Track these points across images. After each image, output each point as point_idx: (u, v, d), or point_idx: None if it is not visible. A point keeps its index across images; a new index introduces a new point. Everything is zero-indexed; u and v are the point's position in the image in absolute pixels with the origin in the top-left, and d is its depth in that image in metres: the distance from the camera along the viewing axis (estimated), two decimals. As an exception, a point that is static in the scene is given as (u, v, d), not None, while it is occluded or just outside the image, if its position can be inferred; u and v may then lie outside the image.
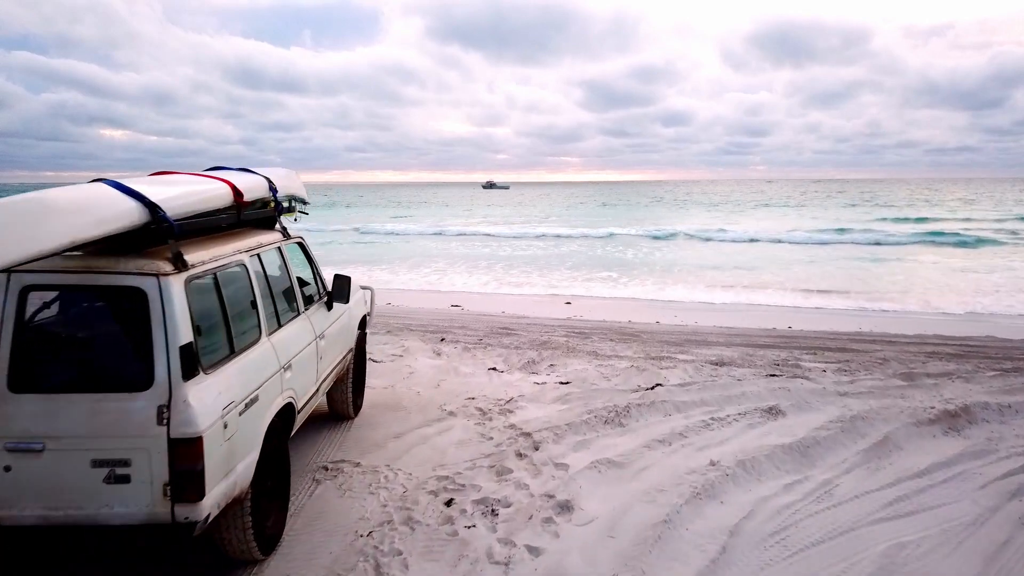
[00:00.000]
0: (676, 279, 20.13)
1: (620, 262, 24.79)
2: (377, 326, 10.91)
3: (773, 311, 15.16)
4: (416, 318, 12.41)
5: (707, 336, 11.04)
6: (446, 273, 22.38)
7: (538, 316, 13.75)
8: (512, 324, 11.95)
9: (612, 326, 12.13)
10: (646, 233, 37.02)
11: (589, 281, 19.62)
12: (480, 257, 26.84)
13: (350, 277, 5.49)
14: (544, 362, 7.90)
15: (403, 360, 7.94)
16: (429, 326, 11.30)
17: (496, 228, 41.84)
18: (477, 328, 11.22)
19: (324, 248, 30.39)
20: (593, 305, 15.82)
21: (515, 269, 22.84)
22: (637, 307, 15.57)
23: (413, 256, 27.75)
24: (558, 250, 29.85)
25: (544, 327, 11.66)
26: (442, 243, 34.77)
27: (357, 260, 26.26)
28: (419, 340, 9.37)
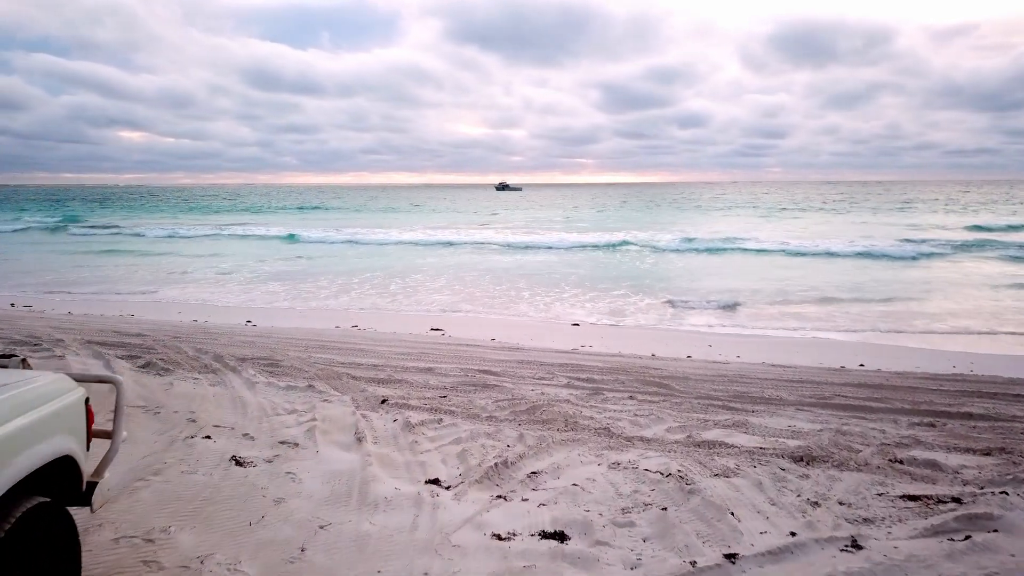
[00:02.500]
0: (702, 293, 17.05)
1: (637, 274, 21.40)
2: (309, 369, 8.00)
3: (832, 342, 12.14)
4: (372, 353, 9.48)
5: (760, 383, 8.06)
6: (429, 289, 19.39)
7: (536, 347, 10.80)
8: (498, 363, 9.01)
9: (631, 365, 9.16)
10: (666, 240, 33.26)
11: (601, 299, 16.43)
12: (475, 268, 23.68)
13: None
14: (525, 460, 4.86)
15: (290, 458, 4.78)
16: (382, 368, 8.36)
17: (500, 235, 38.44)
18: (448, 372, 8.28)
19: (316, 261, 27.49)
20: (606, 332, 12.82)
21: (516, 282, 19.76)
22: (660, 334, 12.58)
23: (394, 267, 24.72)
24: (566, 259, 26.39)
25: (540, 368, 8.70)
26: (436, 252, 31.73)
27: (339, 272, 23.41)
28: (347, 401, 6.42)
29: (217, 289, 18.37)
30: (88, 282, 20.24)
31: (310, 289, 18.23)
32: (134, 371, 7.58)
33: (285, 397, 6.57)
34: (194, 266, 24.06)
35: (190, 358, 8.58)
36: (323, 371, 8.02)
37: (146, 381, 6.94)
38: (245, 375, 7.54)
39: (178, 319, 13.43)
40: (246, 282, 19.50)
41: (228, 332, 11.31)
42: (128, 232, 41.07)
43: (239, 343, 10.06)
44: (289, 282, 19.72)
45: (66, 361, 7.93)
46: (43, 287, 19.08)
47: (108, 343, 9.52)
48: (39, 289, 18.65)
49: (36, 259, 27.36)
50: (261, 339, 10.53)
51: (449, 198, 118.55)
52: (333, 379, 7.61)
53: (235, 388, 6.87)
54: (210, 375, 7.62)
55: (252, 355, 8.99)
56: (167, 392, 6.51)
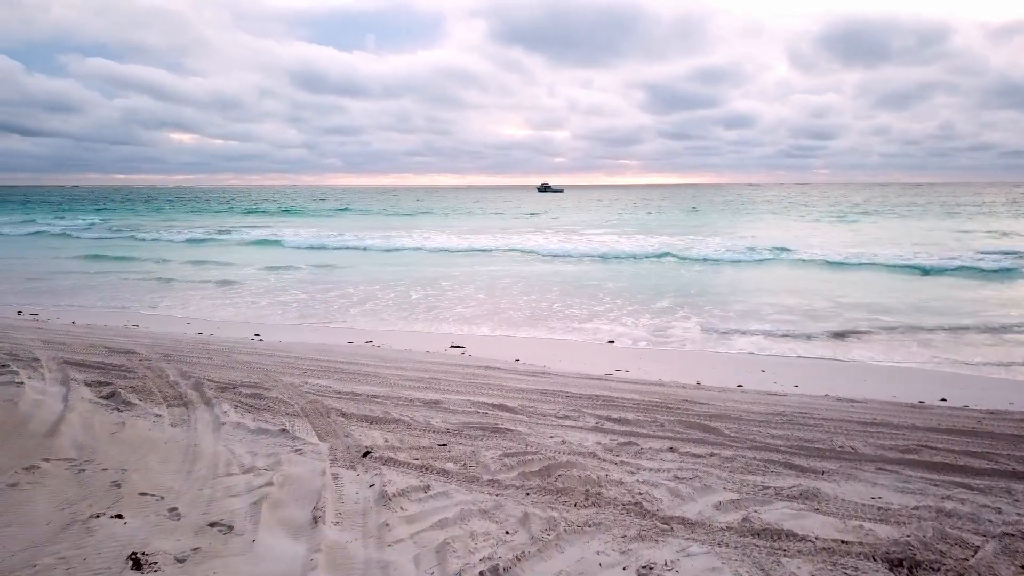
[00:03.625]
0: (753, 309, 15.59)
1: (681, 286, 19.25)
2: (296, 401, 6.90)
3: (901, 370, 10.69)
4: (376, 378, 8.36)
5: (827, 426, 6.73)
6: (456, 300, 18.23)
7: (564, 371, 9.57)
8: (517, 394, 7.81)
9: (673, 398, 7.88)
10: (713, 247, 30.47)
11: (641, 313, 14.87)
12: (507, 277, 22.38)
13: None
14: (525, 565, 3.57)
15: (213, 552, 3.43)
16: (381, 401, 7.23)
17: (535, 241, 36.89)
18: (457, 406, 7.10)
19: (344, 269, 26.55)
20: (645, 353, 11.51)
21: (549, 293, 18.47)
22: (706, 356, 11.24)
23: (422, 275, 23.60)
24: (604, 269, 24.12)
25: (566, 403, 7.48)
26: (468, 259, 30.54)
27: (365, 280, 22.45)
28: (322, 453, 5.28)
29: (235, 299, 17.49)
30: (103, 288, 19.58)
31: (333, 298, 17.22)
32: (92, 403, 6.56)
33: (250, 445, 5.46)
34: (217, 273, 23.29)
35: (167, 385, 7.56)
36: (311, 405, 6.91)
37: (97, 420, 5.91)
38: (218, 410, 6.47)
39: (184, 331, 12.52)
40: (265, 291, 18.59)
41: (229, 348, 10.31)
42: (152, 237, 40.47)
43: (233, 363, 9.03)
44: (313, 290, 18.77)
45: (23, 388, 6.95)
46: (63, 293, 18.45)
47: (87, 363, 8.57)
48: (60, 295, 18.00)
49: (67, 261, 27.00)
50: (259, 358, 9.49)
51: (490, 200, 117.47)
52: (318, 417, 6.49)
53: (197, 431, 5.79)
54: (178, 409, 6.57)
55: (240, 380, 7.95)
56: (112, 437, 5.46)
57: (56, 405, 6.37)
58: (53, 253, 30.62)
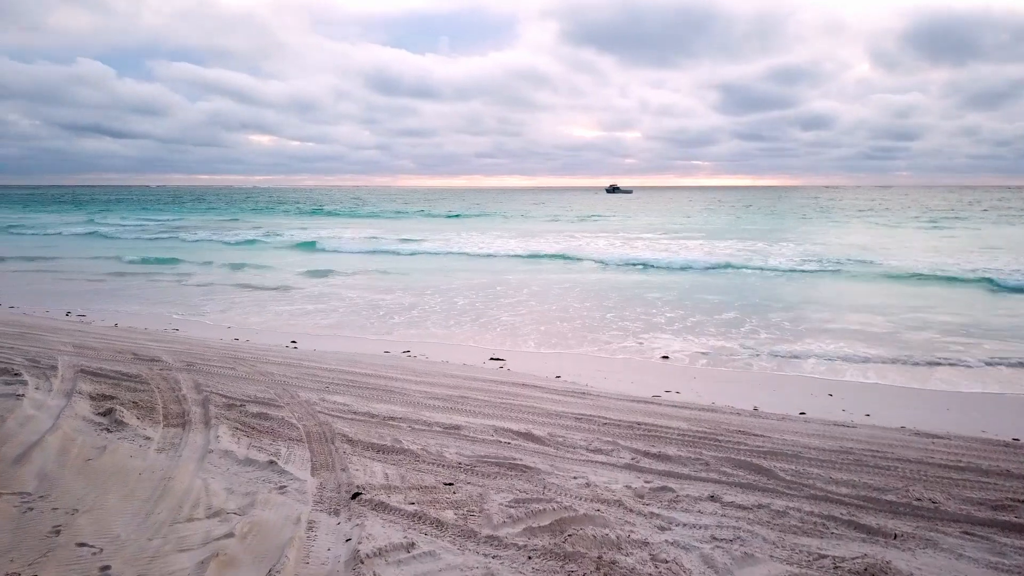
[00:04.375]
0: (826, 325, 14.38)
1: (750, 297, 17.44)
2: (303, 423, 6.32)
3: (988, 397, 9.50)
4: (400, 395, 7.72)
5: (901, 469, 5.78)
6: (506, 306, 17.50)
7: (607, 391, 8.77)
8: (549, 419, 7.06)
9: (724, 427, 7.01)
10: (787, 255, 27.80)
11: (703, 327, 13.63)
12: (562, 285, 21.43)
13: None
14: None
15: None
16: (397, 424, 6.57)
17: (596, 245, 35.73)
18: (477, 433, 6.40)
19: (396, 275, 26.14)
20: (701, 372, 10.58)
21: (604, 301, 17.54)
22: (768, 377, 10.25)
23: (474, 281, 22.97)
24: (669, 279, 21.89)
25: (601, 431, 6.70)
26: (524, 265, 29.77)
27: (415, 286, 21.95)
28: (306, 493, 4.64)
29: (282, 304, 17.20)
30: (151, 290, 19.64)
31: (380, 304, 16.74)
32: (84, 421, 6.12)
33: (231, 479, 4.88)
34: (266, 278, 23.18)
35: (174, 400, 7.09)
36: (317, 428, 6.32)
37: (77, 444, 5.44)
38: (212, 434, 5.94)
39: (221, 336, 12.19)
40: (314, 296, 18.27)
41: (257, 357, 9.87)
42: (208, 238, 40.57)
43: (254, 375, 8.55)
44: (361, 296, 18.37)
45: (21, 402, 6.57)
46: (115, 296, 18.55)
47: (103, 373, 8.20)
48: (111, 297, 18.09)
49: (123, 264, 27.44)
50: (284, 369, 9.00)
51: (556, 203, 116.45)
52: (320, 443, 5.88)
53: (180, 459, 5.25)
54: (173, 431, 6.07)
55: (253, 395, 7.43)
56: (84, 466, 4.96)
57: (44, 424, 5.94)
58: (113, 253, 31.26)
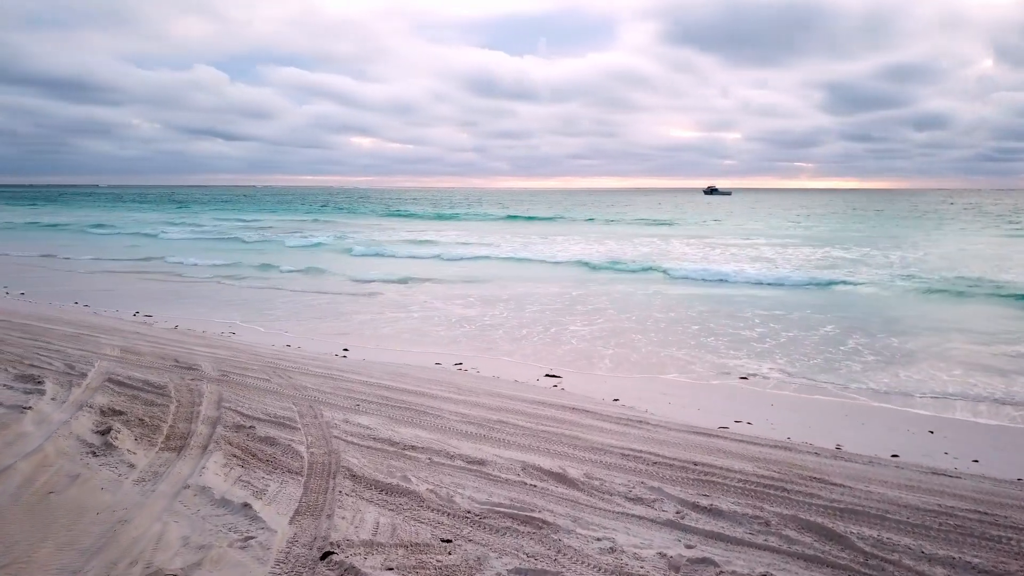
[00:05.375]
0: (937, 351, 12.69)
1: (850, 317, 15.16)
2: (311, 452, 5.68)
3: None
4: (432, 419, 6.99)
5: (1019, 544, 4.60)
6: (577, 315, 16.53)
7: (668, 419, 7.80)
8: (590, 455, 6.19)
9: (797, 471, 5.96)
10: (897, 268, 24.24)
11: (794, 347, 12.13)
12: (640, 296, 20.26)
13: None
14: None
15: None
16: (416, 457, 5.84)
17: (685, 250, 34.01)
18: (501, 472, 5.59)
19: (466, 282, 25.39)
20: (780, 399, 9.43)
21: (689, 312, 16.35)
22: (858, 408, 9.01)
23: (541, 291, 21.99)
24: (761, 294, 19.06)
25: (647, 472, 5.78)
26: (600, 275, 28.55)
27: (484, 295, 21.22)
28: (269, 552, 3.94)
29: (350, 308, 16.86)
30: (218, 292, 19.70)
31: (445, 310, 16.15)
32: (76, 441, 5.66)
33: (194, 524, 4.25)
34: (339, 281, 22.97)
35: (185, 417, 6.59)
36: (323, 458, 5.66)
37: (54, 469, 4.95)
38: (202, 463, 5.35)
39: (273, 342, 11.83)
40: (381, 303, 17.85)
41: (298, 367, 9.37)
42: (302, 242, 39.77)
43: (285, 388, 8.01)
44: (430, 301, 17.84)
45: (23, 416, 6.20)
46: (193, 297, 18.68)
47: (131, 382, 7.83)
48: (187, 299, 18.22)
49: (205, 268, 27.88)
50: (319, 382, 8.43)
51: (651, 205, 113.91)
52: (318, 478, 5.20)
53: (152, 495, 4.67)
54: (165, 455, 5.53)
55: (271, 414, 6.86)
56: (43, 500, 4.45)
57: (31, 444, 5.51)
58: (201, 252, 31.98)
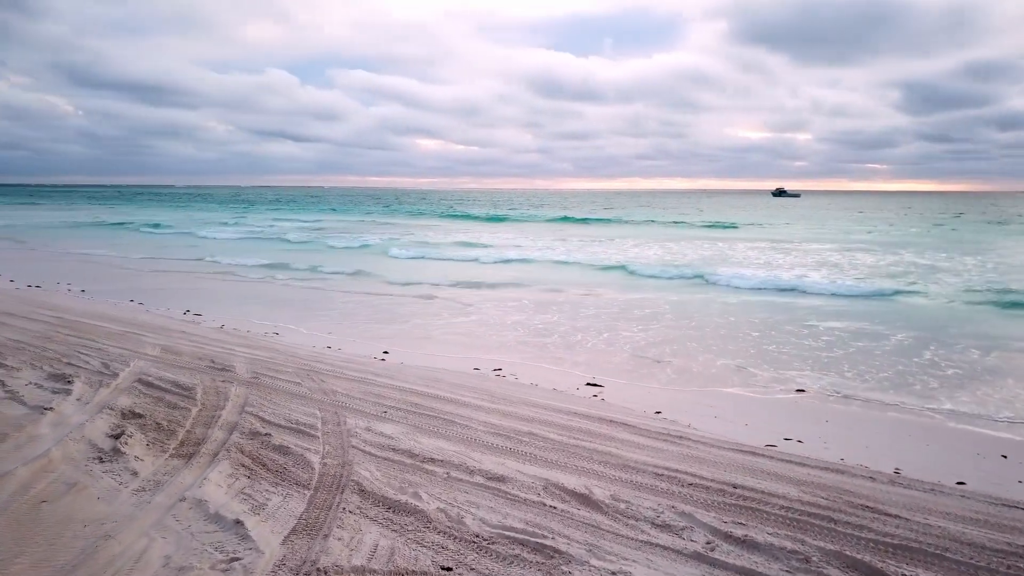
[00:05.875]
0: (1013, 363, 11.74)
1: (925, 331, 13.70)
2: (322, 463, 5.43)
3: None
4: (457, 429, 6.67)
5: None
6: (630, 321, 16.01)
7: (710, 436, 7.33)
8: (618, 474, 5.78)
9: (847, 498, 5.45)
10: (983, 279, 21.88)
11: (860, 359, 11.21)
12: (701, 304, 19.59)
13: None
14: None
15: None
16: (432, 471, 5.53)
17: (749, 254, 32.84)
18: (520, 491, 5.24)
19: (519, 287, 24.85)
20: (837, 412, 8.81)
21: (746, 320, 15.67)
22: (921, 426, 8.33)
23: (590, 300, 21.37)
24: (830, 305, 17.09)
25: (680, 495, 5.34)
26: (654, 284, 27.70)
27: (535, 301, 20.80)
28: (255, 574, 3.68)
29: (397, 311, 16.72)
30: (272, 293, 19.81)
31: (492, 313, 15.84)
32: (86, 445, 5.54)
33: (182, 542, 4.02)
34: (386, 282, 22.88)
35: (204, 422, 6.43)
36: (335, 470, 5.40)
37: (54, 476, 4.81)
38: (212, 470, 5.16)
39: (314, 344, 11.72)
40: (432, 305, 17.64)
41: (332, 370, 9.19)
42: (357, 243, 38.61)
43: (314, 392, 7.81)
44: (479, 303, 17.58)
45: (42, 417, 6.13)
46: (236, 298, 18.84)
47: (160, 383, 7.76)
48: (233, 299, 18.39)
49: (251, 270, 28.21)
50: (350, 386, 8.22)
51: (717, 207, 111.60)
52: (327, 492, 4.94)
53: (146, 507, 4.48)
54: (174, 462, 5.35)
55: (291, 420, 6.66)
56: (34, 509, 4.32)
57: (40, 448, 5.40)
58: (266, 252, 32.44)
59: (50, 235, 40.95)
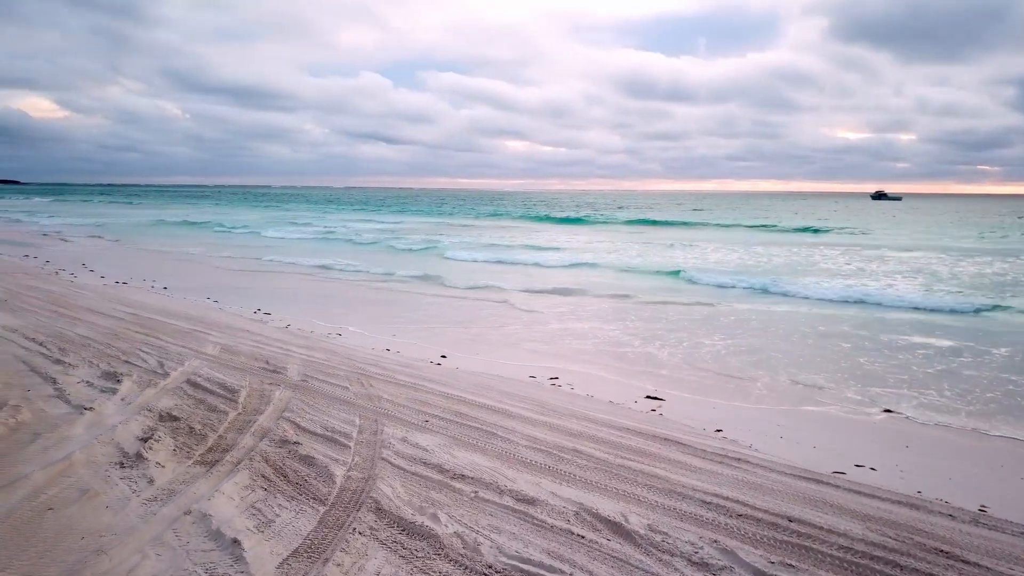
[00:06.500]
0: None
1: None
2: (344, 485, 5.21)
3: None
4: (498, 443, 6.34)
5: None
6: (707, 331, 15.30)
7: (772, 459, 6.76)
8: (663, 500, 5.33)
9: (919, 540, 4.86)
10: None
11: (945, 387, 10.03)
12: (787, 318, 18.55)
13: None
14: None
15: None
16: (458, 489, 5.23)
17: (840, 261, 31.06)
18: (549, 516, 4.88)
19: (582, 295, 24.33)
20: (920, 437, 8.03)
21: (821, 343, 14.71)
22: (1018, 458, 7.47)
23: (677, 315, 20.54)
24: (928, 321, 15.29)
25: (727, 531, 4.86)
26: (746, 297, 26.45)
27: (598, 310, 20.20)
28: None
29: (462, 314, 16.54)
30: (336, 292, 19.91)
31: (557, 318, 15.46)
32: (114, 449, 5.47)
33: (174, 560, 3.84)
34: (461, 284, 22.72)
35: (236, 429, 6.32)
36: (357, 484, 5.15)
37: (70, 482, 4.73)
38: (229, 482, 4.99)
39: (373, 347, 11.62)
40: (494, 311, 17.35)
41: (385, 375, 9.02)
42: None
43: (359, 398, 7.64)
44: (550, 307, 17.21)
45: (79, 417, 6.13)
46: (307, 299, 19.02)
47: (208, 384, 7.76)
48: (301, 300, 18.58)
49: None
50: (399, 391, 8.02)
51: (812, 209, 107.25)
52: (342, 509, 4.70)
53: (152, 519, 4.31)
54: (193, 471, 5.22)
55: (328, 428, 6.48)
56: (38, 516, 4.22)
57: (65, 450, 5.36)
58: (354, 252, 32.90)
59: (139, 233, 42.89)
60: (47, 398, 6.77)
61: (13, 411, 6.06)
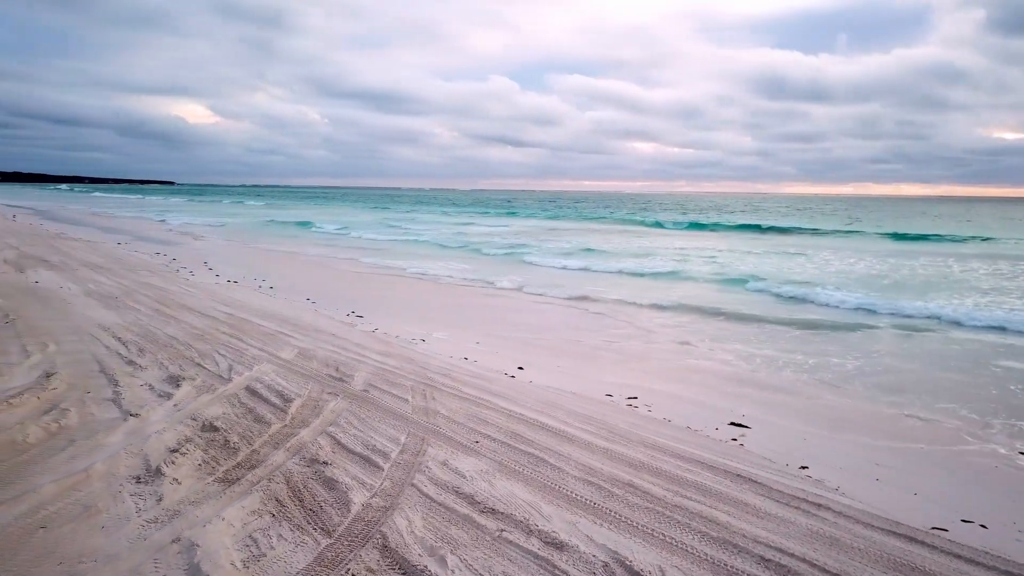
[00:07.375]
0: None
1: None
2: (382, 499, 4.86)
3: None
4: (546, 472, 5.83)
5: None
6: (838, 352, 14.04)
7: (859, 504, 5.91)
8: (711, 556, 4.69)
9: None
10: None
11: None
12: (898, 339, 16.72)
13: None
14: None
15: None
16: (486, 526, 4.77)
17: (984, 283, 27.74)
18: (571, 566, 4.32)
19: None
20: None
21: (941, 375, 13.14)
22: None
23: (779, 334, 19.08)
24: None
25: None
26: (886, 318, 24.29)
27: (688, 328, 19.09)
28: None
29: (548, 322, 16.03)
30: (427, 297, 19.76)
31: (643, 334, 14.66)
32: (138, 460, 5.36)
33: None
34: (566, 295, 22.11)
35: (272, 443, 6.12)
36: (373, 516, 4.80)
37: (76, 497, 4.62)
38: (236, 505, 4.75)
39: (452, 354, 11.33)
40: (584, 320, 16.72)
41: (452, 388, 8.69)
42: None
43: (415, 413, 7.32)
44: (652, 318, 16.45)
45: (122, 424, 6.10)
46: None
47: (263, 392, 7.67)
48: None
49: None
50: (460, 406, 7.65)
51: (969, 217, 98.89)
52: (347, 545, 4.34)
53: (142, 543, 4.10)
54: (209, 488, 5.02)
55: (368, 446, 6.18)
56: (27, 535, 4.05)
57: (93, 459, 5.29)
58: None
59: (251, 232, 44.88)
60: (102, 401, 6.83)
61: (60, 415, 6.10)
